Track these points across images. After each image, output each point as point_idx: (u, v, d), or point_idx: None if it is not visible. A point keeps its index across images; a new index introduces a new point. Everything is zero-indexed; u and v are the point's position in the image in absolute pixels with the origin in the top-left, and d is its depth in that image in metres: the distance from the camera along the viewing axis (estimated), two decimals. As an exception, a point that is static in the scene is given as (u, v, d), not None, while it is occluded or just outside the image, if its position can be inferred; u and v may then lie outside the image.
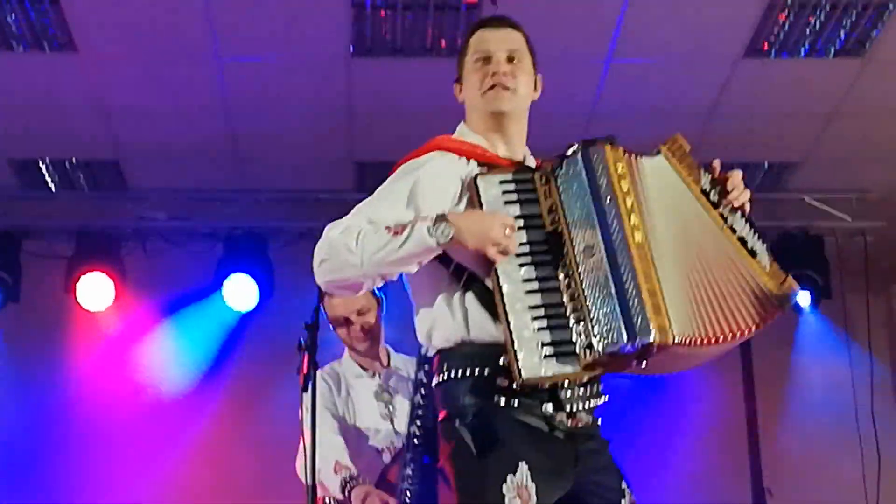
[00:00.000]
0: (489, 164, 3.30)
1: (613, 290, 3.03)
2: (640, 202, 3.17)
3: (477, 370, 3.13)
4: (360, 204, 3.25)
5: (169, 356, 7.82)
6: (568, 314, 3.06)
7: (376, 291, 4.78)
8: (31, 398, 7.70)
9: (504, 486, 3.03)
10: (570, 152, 3.25)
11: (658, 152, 3.38)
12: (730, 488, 7.82)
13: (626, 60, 6.44)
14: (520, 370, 3.02)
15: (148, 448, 7.63)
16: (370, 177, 7.64)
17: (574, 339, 3.05)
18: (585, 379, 3.13)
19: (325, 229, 3.18)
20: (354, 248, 3.09)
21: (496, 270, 3.09)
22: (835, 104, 6.86)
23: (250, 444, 7.44)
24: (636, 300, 3.00)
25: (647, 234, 3.11)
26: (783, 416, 8.04)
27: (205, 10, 5.97)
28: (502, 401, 3.09)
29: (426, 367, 4.36)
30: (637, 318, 2.99)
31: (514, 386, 3.06)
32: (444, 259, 3.18)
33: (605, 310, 3.02)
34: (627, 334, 2.99)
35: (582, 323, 3.05)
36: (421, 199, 3.20)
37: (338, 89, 6.70)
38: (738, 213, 3.38)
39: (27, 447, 7.64)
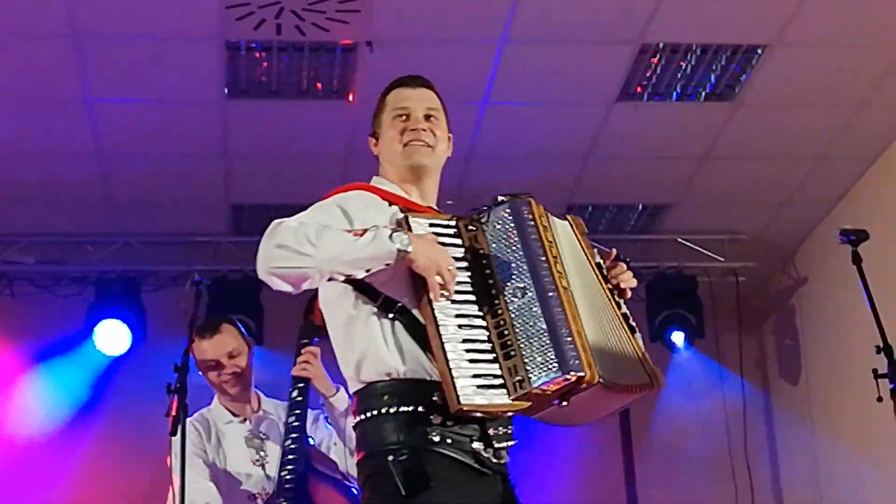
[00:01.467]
0: (412, 209, 3.38)
1: (545, 328, 3.10)
2: (561, 254, 3.29)
3: (409, 406, 3.13)
4: (298, 215, 3.27)
5: (38, 403, 7.62)
6: (498, 350, 3.12)
7: (246, 335, 4.74)
8: None
9: None
10: (497, 203, 3.38)
11: (565, 217, 3.51)
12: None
13: (502, 103, 6.48)
14: (458, 397, 3.03)
15: (17, 495, 7.41)
16: (246, 220, 7.57)
17: (505, 374, 3.10)
18: (510, 414, 3.17)
19: (273, 223, 3.20)
20: (314, 241, 3.10)
21: (430, 304, 3.12)
22: (706, 147, 6.98)
23: (122, 488, 7.26)
24: (567, 338, 3.09)
25: (568, 283, 3.23)
26: (658, 458, 8.10)
27: (74, 49, 5.86)
28: (436, 437, 3.09)
29: (297, 412, 4.31)
30: (568, 354, 3.07)
31: (446, 420, 3.09)
32: (369, 292, 3.21)
33: (537, 346, 3.09)
34: (560, 368, 3.06)
35: (513, 358, 3.10)
36: (354, 221, 3.25)
37: (213, 131, 6.63)
38: (619, 296, 3.47)
39: None
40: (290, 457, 4.33)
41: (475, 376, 3.07)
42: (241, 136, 6.70)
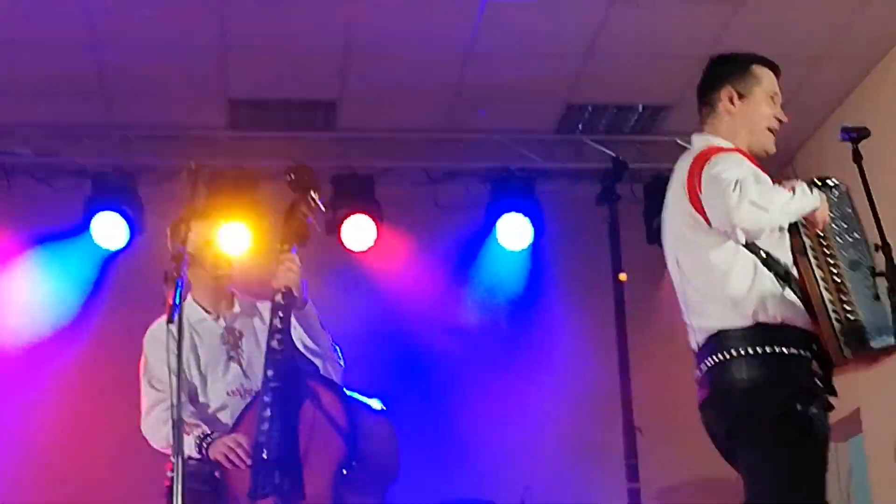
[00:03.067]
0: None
1: (878, 299, 3.64)
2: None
3: (803, 351, 3.67)
4: (724, 176, 3.71)
5: (35, 292, 7.64)
6: (877, 296, 3.65)
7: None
8: None
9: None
10: (831, 183, 3.85)
11: None
12: (602, 428, 7.92)
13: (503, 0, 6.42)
14: (843, 351, 3.61)
15: (14, 384, 7.46)
16: (244, 114, 7.53)
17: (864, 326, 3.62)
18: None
19: (727, 179, 3.66)
20: (773, 198, 3.64)
21: (811, 264, 3.68)
22: (707, 48, 6.89)
23: (120, 379, 7.30)
24: (890, 310, 3.57)
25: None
26: (652, 356, 8.16)
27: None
28: (817, 382, 3.67)
29: (281, 315, 4.31)
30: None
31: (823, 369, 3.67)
32: (751, 248, 3.70)
33: (876, 312, 3.62)
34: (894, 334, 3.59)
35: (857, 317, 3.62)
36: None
37: (211, 23, 6.57)
38: None
39: None
40: (275, 356, 4.31)
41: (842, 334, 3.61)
42: (239, 29, 6.63)
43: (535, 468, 7.51)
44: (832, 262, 3.70)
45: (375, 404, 4.47)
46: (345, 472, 4.16)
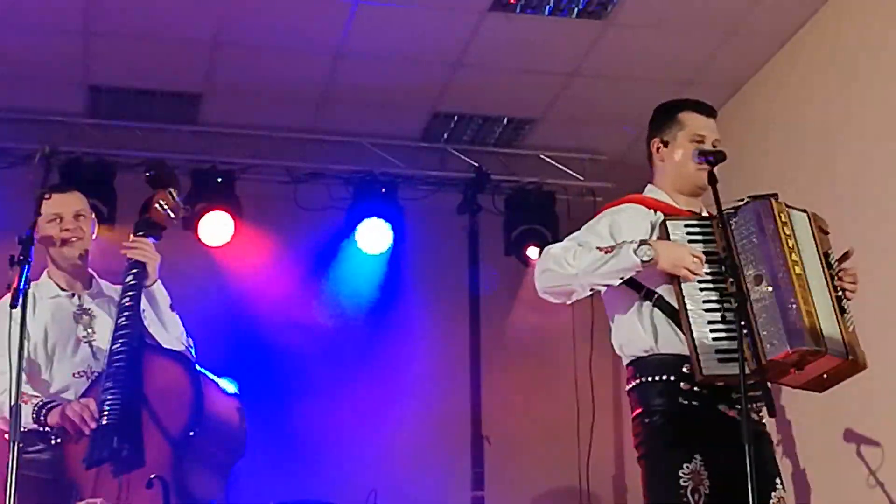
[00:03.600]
0: (673, 214, 4.04)
1: (778, 310, 3.76)
2: (797, 245, 3.92)
3: (664, 377, 3.90)
4: (572, 235, 4.11)
5: None
6: (738, 329, 3.72)
7: (92, 213, 4.70)
8: None
9: (680, 471, 3.82)
10: (742, 204, 3.96)
11: (804, 210, 4.08)
12: (450, 435, 7.96)
13: (374, 2, 6.40)
14: (701, 369, 3.78)
15: None
16: (104, 102, 7.38)
17: (744, 349, 3.70)
18: (751, 382, 3.73)
19: (545, 249, 4.09)
20: (572, 262, 3.93)
21: (681, 291, 3.85)
22: (575, 65, 7.01)
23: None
24: (797, 317, 3.76)
25: (804, 269, 3.87)
26: (504, 367, 8.22)
27: None
28: (684, 401, 3.88)
29: (130, 293, 4.32)
30: (798, 330, 3.74)
31: (695, 387, 3.85)
32: (635, 285, 3.95)
33: (771, 325, 3.75)
34: (790, 342, 3.72)
35: (751, 336, 3.72)
36: (618, 235, 4.00)
37: (75, 5, 6.42)
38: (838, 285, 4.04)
39: None
40: (123, 332, 4.26)
41: (717, 351, 3.79)
42: (105, 14, 6.49)
43: (382, 472, 7.50)
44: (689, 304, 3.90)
45: (227, 385, 4.43)
46: (190, 435, 4.11)
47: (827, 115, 6.35)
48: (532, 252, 7.83)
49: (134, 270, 4.41)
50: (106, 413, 4.11)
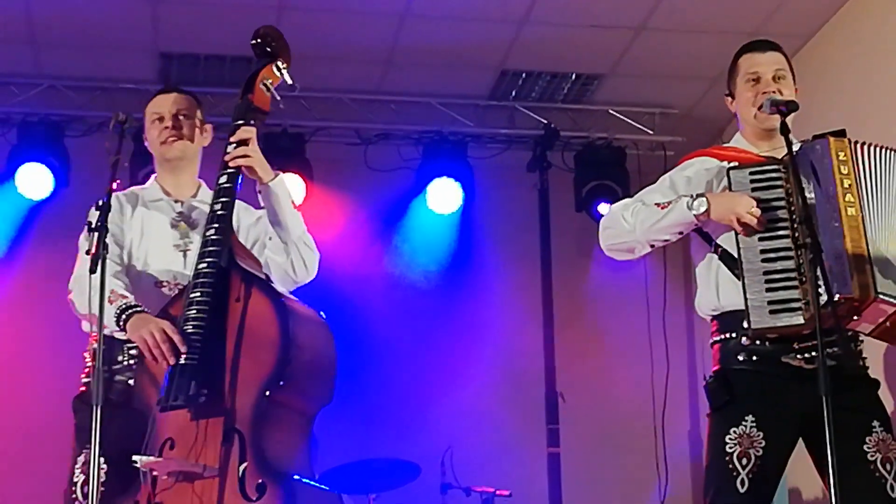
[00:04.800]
0: (744, 162, 3.94)
1: (824, 256, 3.59)
2: (860, 183, 3.77)
3: (727, 334, 3.88)
4: (641, 192, 4.09)
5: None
6: (794, 278, 3.70)
7: (203, 118, 4.38)
8: None
9: (727, 436, 3.77)
10: (803, 144, 3.87)
11: None
12: (525, 392, 7.98)
13: (440, -38, 6.40)
14: (750, 322, 3.73)
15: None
16: (175, 69, 7.44)
17: (798, 298, 3.68)
18: (807, 331, 3.69)
19: (609, 208, 4.12)
20: (629, 219, 3.95)
21: (738, 242, 3.80)
22: (642, 18, 6.95)
23: (42, 329, 7.24)
24: (843, 262, 3.64)
25: (861, 208, 3.73)
26: (578, 324, 8.22)
27: None
28: (742, 356, 3.83)
29: (223, 199, 3.96)
30: (843, 276, 3.63)
31: (754, 341, 3.78)
32: (707, 237, 3.94)
33: (817, 272, 3.60)
34: (831, 289, 3.58)
35: (804, 284, 3.67)
36: (683, 190, 3.98)
37: (143, -25, 6.48)
38: None
39: None
40: (211, 248, 3.88)
41: (770, 302, 3.71)
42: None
43: (458, 430, 7.55)
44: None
45: (318, 317, 4.00)
46: (268, 393, 3.67)
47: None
48: (603, 208, 7.79)
49: (229, 170, 4.04)
50: (184, 350, 3.75)
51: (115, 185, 3.93)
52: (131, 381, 3.96)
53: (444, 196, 7.86)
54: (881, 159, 3.85)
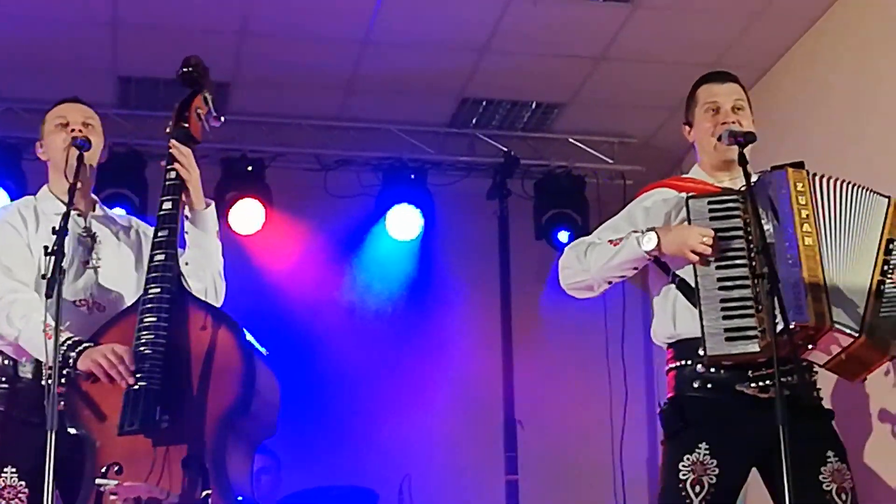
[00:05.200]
0: (701, 193, 3.94)
1: (781, 283, 3.60)
2: (817, 214, 3.80)
3: (682, 361, 3.89)
4: (601, 226, 4.13)
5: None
6: (750, 306, 3.71)
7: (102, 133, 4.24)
8: None
9: (681, 463, 3.78)
10: (761, 175, 3.90)
11: (888, 197, 3.95)
12: (483, 420, 7.97)
13: (401, -10, 6.42)
14: (706, 349, 3.74)
15: None
16: (134, 93, 7.42)
17: (754, 326, 3.69)
18: (762, 360, 3.70)
19: (567, 247, 4.10)
20: (584, 259, 3.98)
21: (695, 271, 3.80)
22: (602, 48, 6.99)
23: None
24: (800, 290, 3.66)
25: (818, 239, 3.76)
26: (537, 351, 8.23)
27: None
28: (697, 384, 3.84)
29: (169, 225, 3.88)
30: (798, 305, 3.64)
31: (709, 369, 3.79)
32: (665, 267, 3.94)
33: (774, 301, 3.58)
34: (787, 317, 3.55)
35: (760, 312, 3.67)
36: (642, 221, 3.99)
37: (104, -1, 6.45)
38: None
39: None
40: (160, 273, 3.79)
41: (726, 330, 3.72)
42: (132, 4, 6.52)
43: (416, 457, 7.54)
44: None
45: (263, 352, 4.01)
46: (230, 421, 3.68)
47: (855, 97, 6.32)
48: (563, 236, 7.82)
49: (172, 196, 3.95)
50: (145, 373, 3.66)
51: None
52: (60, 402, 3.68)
53: (403, 223, 7.86)
54: (838, 191, 3.88)
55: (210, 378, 3.72)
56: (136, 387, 3.66)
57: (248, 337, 3.92)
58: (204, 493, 3.59)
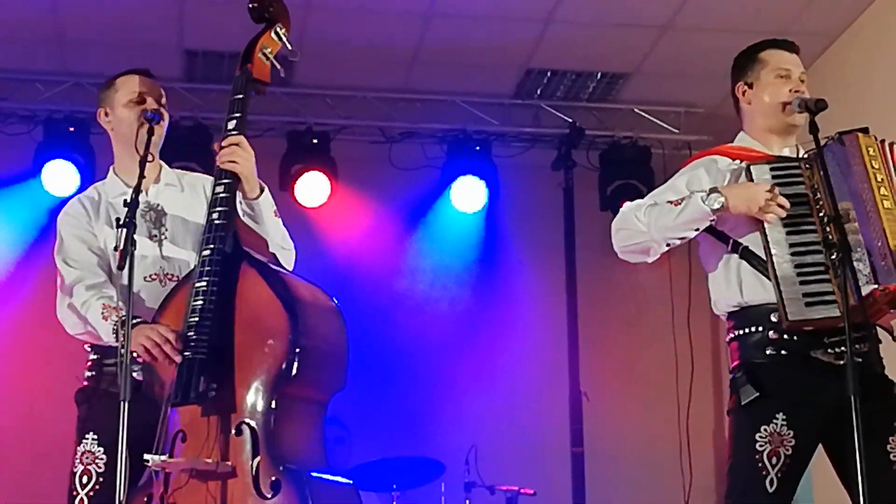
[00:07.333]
0: (759, 160, 3.88)
1: (864, 246, 3.63)
2: (890, 178, 3.76)
3: (753, 328, 3.79)
4: (653, 192, 4.00)
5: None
6: (825, 271, 3.66)
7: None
8: None
9: (757, 434, 3.70)
10: (828, 141, 3.81)
11: None
12: (549, 391, 7.97)
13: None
14: (787, 315, 3.66)
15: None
16: (199, 66, 7.46)
17: (831, 291, 3.64)
18: (842, 325, 3.54)
19: (621, 209, 3.97)
20: (643, 218, 3.85)
21: (766, 237, 3.73)
22: (667, 17, 6.93)
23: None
24: (884, 252, 3.62)
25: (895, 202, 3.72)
26: (602, 322, 8.21)
27: None
28: (770, 351, 3.75)
29: (222, 209, 3.76)
30: (883, 267, 3.61)
31: (783, 335, 3.71)
32: (723, 238, 3.86)
33: (859, 263, 3.59)
34: (874, 280, 3.58)
35: (838, 278, 3.58)
36: (697, 187, 3.87)
37: (169, -27, 6.49)
38: None
39: None
40: (212, 234, 3.71)
41: (804, 294, 3.66)
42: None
43: (482, 429, 7.55)
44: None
45: (329, 302, 3.87)
46: (279, 386, 3.57)
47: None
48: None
49: (226, 181, 3.82)
50: (192, 344, 3.61)
51: (141, 183, 3.84)
52: (136, 375, 3.76)
53: (468, 195, 7.85)
54: None
55: (257, 341, 3.62)
56: (185, 357, 3.63)
57: (307, 288, 3.80)
58: (255, 462, 3.53)
